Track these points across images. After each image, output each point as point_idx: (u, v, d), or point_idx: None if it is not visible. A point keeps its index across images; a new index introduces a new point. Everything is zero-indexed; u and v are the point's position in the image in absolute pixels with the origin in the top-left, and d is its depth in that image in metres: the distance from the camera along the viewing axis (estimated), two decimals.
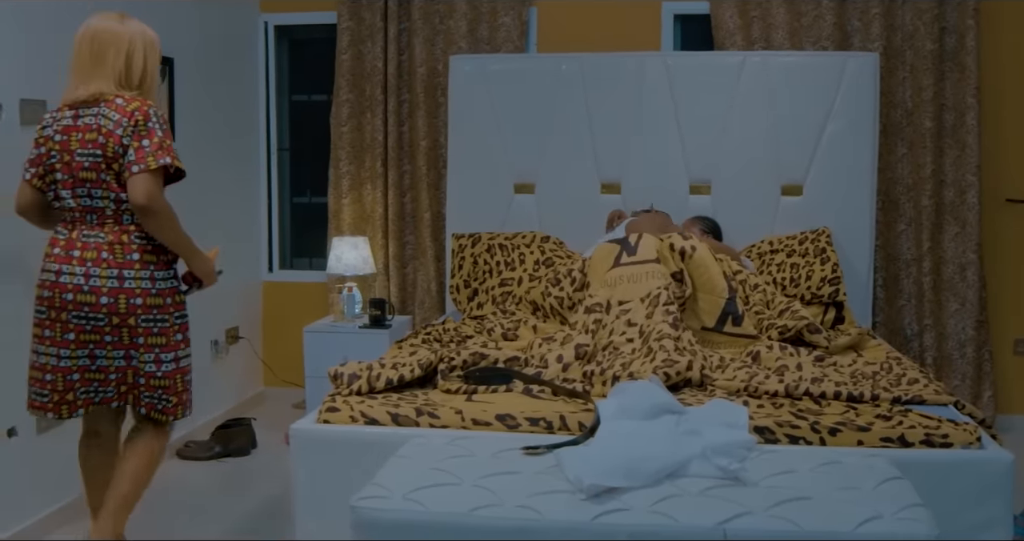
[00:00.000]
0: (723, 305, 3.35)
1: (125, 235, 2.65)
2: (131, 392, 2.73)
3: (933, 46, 4.15)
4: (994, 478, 2.43)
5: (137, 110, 2.61)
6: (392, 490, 2.15)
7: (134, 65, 2.69)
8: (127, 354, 2.68)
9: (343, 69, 4.61)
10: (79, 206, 2.65)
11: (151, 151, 2.58)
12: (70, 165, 2.63)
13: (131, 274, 2.64)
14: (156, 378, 2.71)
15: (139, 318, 2.65)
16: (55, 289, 2.64)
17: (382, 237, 4.71)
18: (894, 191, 4.33)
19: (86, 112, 2.63)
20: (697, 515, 2.00)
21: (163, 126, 2.64)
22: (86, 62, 2.65)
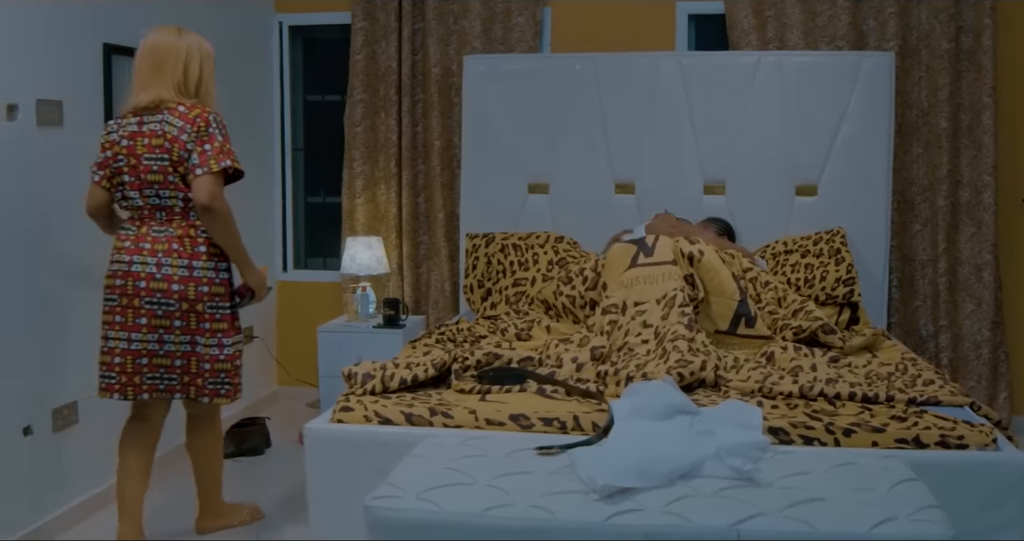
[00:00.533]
0: (735, 308, 3.34)
1: (192, 229, 2.91)
2: (193, 383, 2.96)
3: (949, 45, 4.13)
4: (1010, 480, 2.41)
5: (199, 116, 2.84)
6: (406, 490, 2.16)
7: (190, 75, 2.92)
8: (192, 340, 2.92)
9: (357, 69, 4.62)
10: (147, 205, 2.90)
11: (213, 155, 2.83)
12: (137, 168, 2.87)
13: (199, 265, 2.90)
14: (219, 361, 2.96)
15: (205, 304, 2.91)
16: (128, 277, 2.88)
17: (396, 237, 4.72)
18: (909, 191, 4.31)
19: (150, 119, 2.86)
20: (711, 516, 2.00)
21: (223, 131, 2.87)
22: (146, 72, 2.88)
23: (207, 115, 2.86)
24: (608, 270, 3.50)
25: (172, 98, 2.87)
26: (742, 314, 3.35)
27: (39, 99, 3.10)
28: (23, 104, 3.04)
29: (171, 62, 2.89)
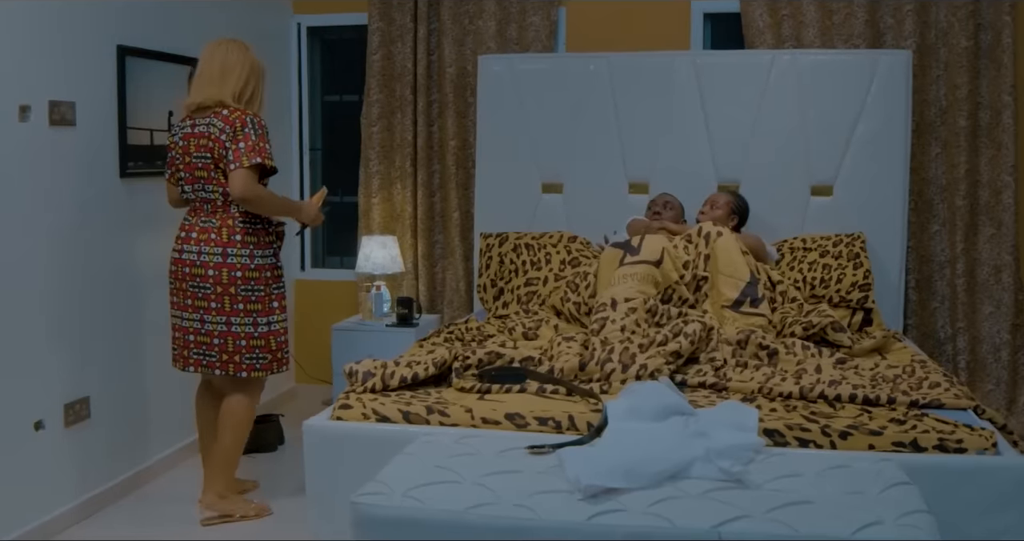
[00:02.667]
0: (743, 287, 3.35)
1: (231, 220, 3.21)
2: (231, 360, 3.24)
3: (968, 43, 4.06)
4: (1010, 485, 2.37)
5: (237, 119, 3.15)
6: (393, 487, 2.17)
7: (247, 89, 3.25)
8: (228, 320, 3.21)
9: (374, 70, 4.65)
10: (197, 198, 3.26)
11: (245, 152, 3.11)
12: (189, 165, 3.23)
13: (233, 251, 3.19)
14: (254, 338, 3.24)
15: (239, 288, 3.20)
16: (179, 264, 3.25)
17: (411, 236, 4.74)
18: (927, 191, 4.25)
19: (200, 121, 3.20)
20: (693, 517, 1.99)
21: (258, 131, 3.16)
22: (215, 74, 3.22)
23: (244, 117, 3.15)
24: (601, 274, 3.51)
25: (221, 102, 3.18)
26: (749, 294, 3.38)
27: (51, 100, 3.15)
28: (36, 105, 3.09)
29: (235, 74, 3.23)
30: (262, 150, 3.14)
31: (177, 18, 3.88)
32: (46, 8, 3.14)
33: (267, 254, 3.27)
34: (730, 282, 3.43)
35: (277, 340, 3.30)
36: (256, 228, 3.25)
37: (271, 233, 3.31)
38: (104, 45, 3.42)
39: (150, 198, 3.72)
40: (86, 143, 3.35)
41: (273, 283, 3.28)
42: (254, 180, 3.14)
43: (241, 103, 3.23)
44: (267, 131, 3.21)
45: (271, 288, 3.27)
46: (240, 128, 3.13)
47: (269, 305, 3.26)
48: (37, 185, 3.13)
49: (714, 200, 4.00)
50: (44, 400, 3.18)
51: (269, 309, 3.26)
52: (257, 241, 3.24)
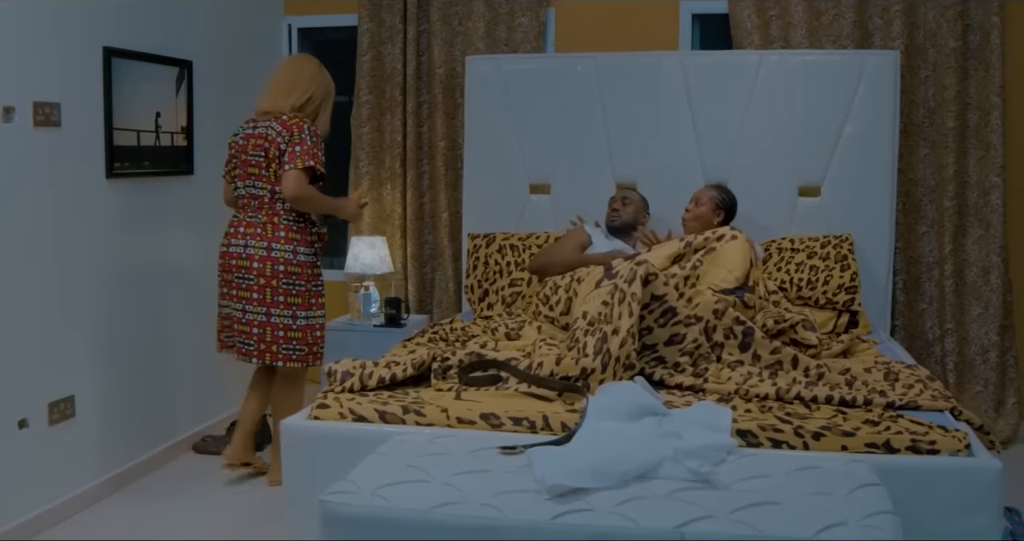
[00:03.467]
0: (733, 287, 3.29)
1: (276, 217, 3.45)
2: (268, 349, 3.46)
3: (956, 44, 4.05)
4: (982, 487, 2.36)
5: (295, 124, 3.42)
6: (362, 486, 2.18)
7: (311, 104, 3.53)
8: (268, 311, 3.43)
9: (363, 71, 4.67)
10: (247, 194, 3.50)
11: (300, 154, 3.36)
12: (244, 162, 3.49)
13: (277, 247, 3.42)
14: (292, 330, 3.46)
15: (280, 281, 3.42)
16: (226, 257, 3.49)
17: (401, 237, 4.75)
18: (916, 192, 4.24)
19: (262, 124, 3.47)
20: (657, 517, 1.99)
21: (313, 138, 3.41)
22: (284, 85, 3.51)
23: (302, 124, 3.42)
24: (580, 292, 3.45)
25: (284, 111, 3.46)
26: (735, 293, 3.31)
27: (36, 101, 3.17)
28: (20, 106, 3.11)
29: (302, 88, 3.51)
30: (315, 155, 3.41)
31: (167, 19, 3.89)
32: (31, 10, 3.15)
33: (309, 252, 3.50)
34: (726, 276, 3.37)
35: (313, 334, 3.53)
36: (300, 226, 3.49)
37: (313, 233, 3.55)
38: (90, 46, 3.44)
39: (137, 198, 3.74)
40: (72, 144, 3.37)
41: (313, 280, 3.51)
42: (306, 181, 3.38)
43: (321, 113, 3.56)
44: (322, 140, 3.46)
45: (311, 284, 3.50)
46: (297, 133, 3.39)
47: (308, 300, 3.49)
48: (22, 185, 3.14)
49: (698, 197, 3.95)
50: (28, 399, 3.20)
51: (308, 304, 3.49)
52: (300, 239, 3.47)
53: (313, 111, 3.55)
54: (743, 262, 3.36)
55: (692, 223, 3.89)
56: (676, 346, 3.01)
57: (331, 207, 3.58)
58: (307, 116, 3.52)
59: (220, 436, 4.13)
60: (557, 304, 3.51)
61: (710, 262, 3.37)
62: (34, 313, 3.22)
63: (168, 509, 3.44)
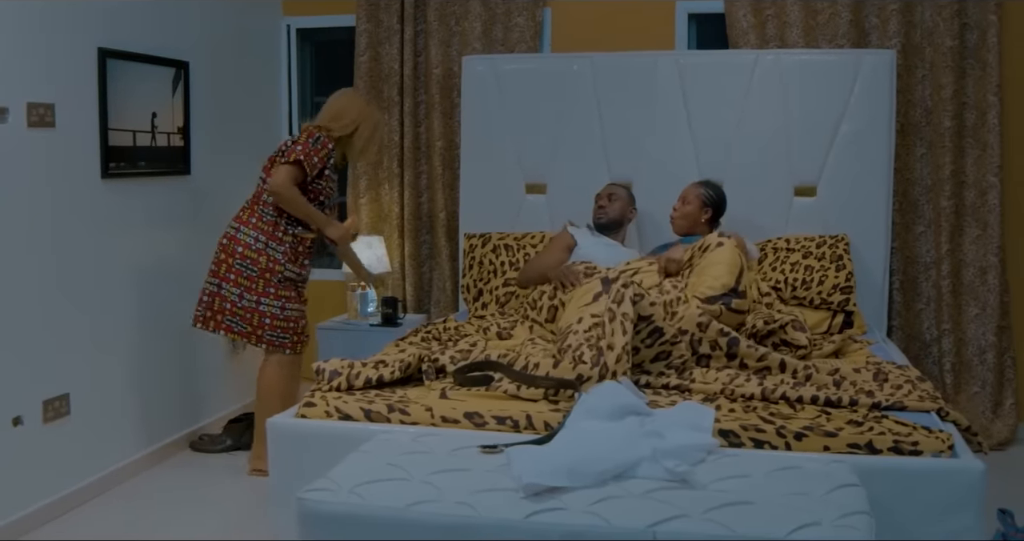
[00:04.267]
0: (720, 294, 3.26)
1: (256, 206, 3.65)
2: (255, 333, 3.66)
3: (953, 43, 4.03)
4: (964, 488, 2.35)
5: (307, 130, 3.62)
6: (341, 484, 2.19)
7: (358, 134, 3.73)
8: (258, 300, 3.63)
9: (361, 71, 4.68)
10: (256, 188, 3.72)
11: (295, 151, 3.53)
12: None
13: (245, 230, 3.61)
14: (278, 319, 3.67)
15: (236, 260, 3.59)
16: (228, 238, 3.65)
17: (398, 237, 4.77)
18: (912, 192, 4.22)
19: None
20: (631, 517, 1.99)
21: (316, 145, 3.55)
22: (332, 112, 3.71)
23: (315, 131, 3.60)
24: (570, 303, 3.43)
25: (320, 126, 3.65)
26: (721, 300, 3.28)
27: (30, 102, 3.19)
28: (14, 107, 3.13)
29: (350, 117, 3.70)
30: (310, 157, 3.54)
31: (163, 21, 3.92)
32: (25, 11, 3.18)
33: (276, 248, 3.63)
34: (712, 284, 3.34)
35: (298, 323, 3.72)
36: (273, 220, 3.63)
37: (290, 234, 3.65)
38: (85, 48, 3.46)
39: (133, 198, 3.77)
40: (66, 144, 3.39)
41: (272, 273, 3.63)
42: (291, 178, 3.52)
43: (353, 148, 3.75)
44: (328, 154, 3.59)
45: (268, 275, 3.62)
46: (304, 137, 3.58)
47: (263, 288, 3.63)
48: (16, 185, 3.17)
49: (684, 195, 3.92)
50: (23, 397, 3.23)
51: (262, 291, 3.63)
52: (270, 232, 3.62)
53: (361, 141, 3.75)
54: (730, 269, 3.30)
55: (680, 222, 3.88)
56: (662, 362, 3.02)
57: (313, 216, 3.64)
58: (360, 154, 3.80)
59: (217, 435, 4.15)
60: (541, 310, 3.51)
61: (698, 272, 3.35)
62: (29, 311, 3.25)
63: (161, 507, 3.47)
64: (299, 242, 3.70)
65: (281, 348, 3.72)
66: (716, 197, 3.90)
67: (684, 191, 3.93)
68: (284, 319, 3.69)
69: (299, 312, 3.77)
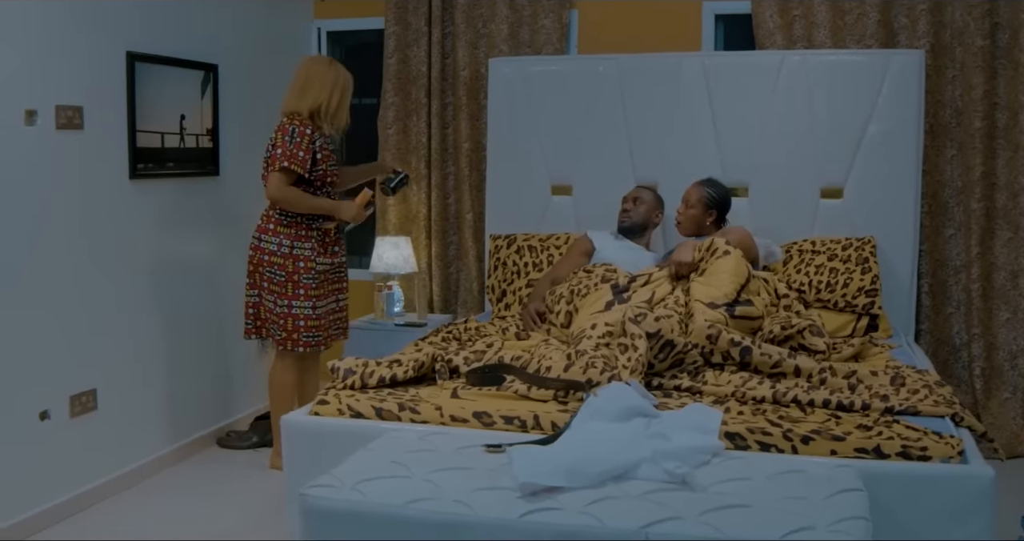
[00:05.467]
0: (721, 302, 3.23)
1: (271, 211, 3.68)
2: (263, 327, 3.75)
3: (984, 42, 3.96)
4: (973, 495, 2.32)
5: (280, 127, 3.59)
6: (343, 480, 2.22)
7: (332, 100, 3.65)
8: (260, 295, 3.72)
9: (390, 73, 4.73)
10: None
11: (278, 157, 3.54)
12: None
13: (265, 239, 3.67)
14: (276, 315, 3.69)
15: (266, 269, 3.67)
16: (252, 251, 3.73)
17: (426, 237, 4.80)
18: (942, 194, 4.16)
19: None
20: (624, 518, 1.99)
21: (296, 139, 3.55)
22: (298, 87, 3.66)
23: (288, 126, 3.57)
24: (582, 308, 3.43)
25: (289, 112, 3.63)
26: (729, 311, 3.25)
27: (58, 105, 3.28)
28: (42, 109, 3.22)
29: (315, 90, 3.63)
30: (293, 156, 3.54)
31: (192, 25, 4.00)
32: (54, 16, 3.27)
33: (303, 246, 3.66)
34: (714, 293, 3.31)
35: (293, 323, 3.68)
36: (291, 220, 3.66)
37: (313, 229, 3.69)
38: (114, 52, 3.55)
39: (160, 198, 3.85)
40: (94, 146, 3.48)
41: (301, 272, 3.65)
42: (283, 183, 3.56)
43: (327, 116, 3.65)
44: (310, 139, 3.55)
45: (298, 276, 3.65)
46: (280, 136, 3.56)
47: (295, 291, 3.65)
48: (45, 185, 3.26)
49: (687, 197, 3.89)
50: (50, 391, 3.32)
51: (294, 295, 3.66)
52: (294, 234, 3.65)
53: (336, 110, 3.68)
54: (733, 278, 3.25)
55: (686, 224, 3.87)
56: (676, 369, 3.02)
57: (321, 208, 3.66)
58: (332, 117, 3.68)
59: (244, 431, 4.22)
60: (559, 314, 3.52)
61: (703, 280, 3.33)
62: (57, 308, 3.34)
63: (184, 502, 3.54)
64: (324, 233, 3.73)
65: (316, 347, 3.76)
66: (719, 197, 3.87)
67: (686, 192, 3.91)
68: (317, 319, 3.72)
69: (334, 305, 3.83)
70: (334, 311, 3.85)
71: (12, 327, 3.15)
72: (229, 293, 4.28)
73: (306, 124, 3.60)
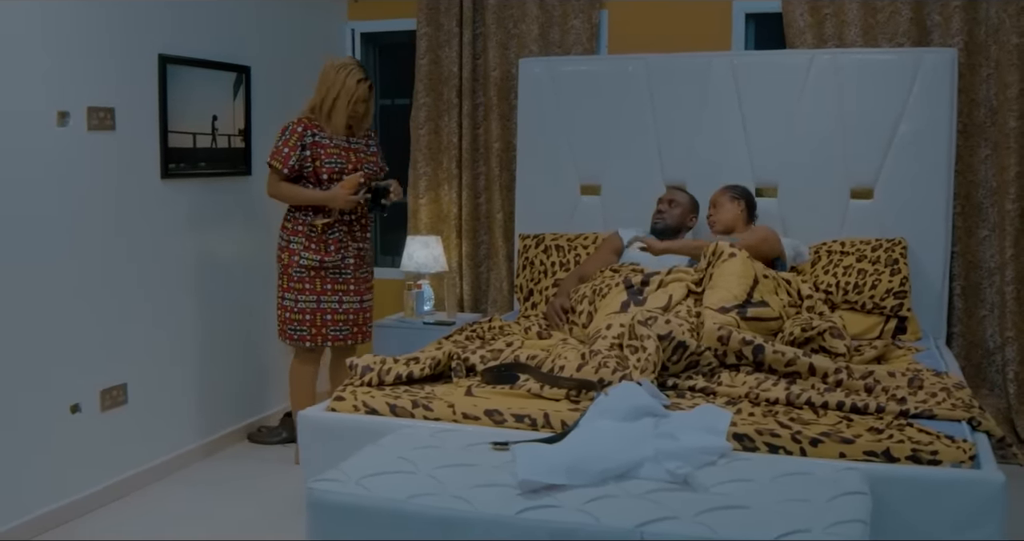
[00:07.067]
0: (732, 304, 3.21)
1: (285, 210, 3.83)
2: (281, 328, 3.83)
3: (1019, 40, 3.88)
4: (983, 500, 2.28)
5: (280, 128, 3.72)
6: (350, 475, 2.26)
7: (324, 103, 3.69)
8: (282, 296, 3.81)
9: (421, 74, 4.77)
10: None
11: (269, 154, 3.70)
12: None
13: (280, 236, 3.81)
14: (278, 307, 3.83)
15: (277, 266, 3.80)
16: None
17: (456, 237, 4.84)
18: (976, 195, 4.08)
19: None
20: (621, 516, 2.00)
21: (284, 136, 3.67)
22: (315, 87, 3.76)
23: (285, 126, 3.69)
24: (600, 309, 3.43)
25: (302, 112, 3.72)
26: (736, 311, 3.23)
27: (90, 106, 3.38)
28: (74, 111, 3.32)
29: (318, 89, 3.71)
30: (278, 153, 3.66)
31: (225, 27, 4.08)
32: (85, 19, 3.36)
33: (296, 240, 3.73)
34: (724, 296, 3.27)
35: (282, 315, 3.80)
36: (292, 216, 3.76)
37: (306, 225, 3.72)
38: (146, 55, 3.64)
39: (192, 197, 3.93)
40: (126, 146, 3.57)
41: (291, 266, 3.73)
42: (273, 179, 3.71)
43: (321, 116, 3.70)
44: (300, 136, 3.62)
45: (291, 270, 3.73)
46: (278, 134, 3.71)
47: (287, 283, 3.75)
48: (78, 185, 3.36)
49: (713, 201, 3.93)
50: (81, 385, 3.41)
51: (285, 287, 3.76)
52: (291, 228, 3.75)
53: (330, 111, 3.68)
54: (741, 280, 3.23)
55: (719, 221, 3.91)
56: (691, 370, 3.01)
57: (313, 199, 3.68)
58: (326, 118, 3.69)
59: (274, 427, 4.30)
60: (581, 315, 3.53)
61: (711, 284, 3.31)
62: (90, 305, 3.43)
63: (210, 496, 3.61)
64: (313, 229, 3.72)
65: (300, 341, 3.78)
66: (742, 194, 3.92)
67: (714, 197, 3.97)
68: (299, 312, 3.75)
69: (334, 306, 3.78)
70: (334, 311, 3.80)
71: (46, 322, 3.25)
72: (260, 290, 4.36)
73: (302, 122, 3.68)
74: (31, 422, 3.20)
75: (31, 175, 3.17)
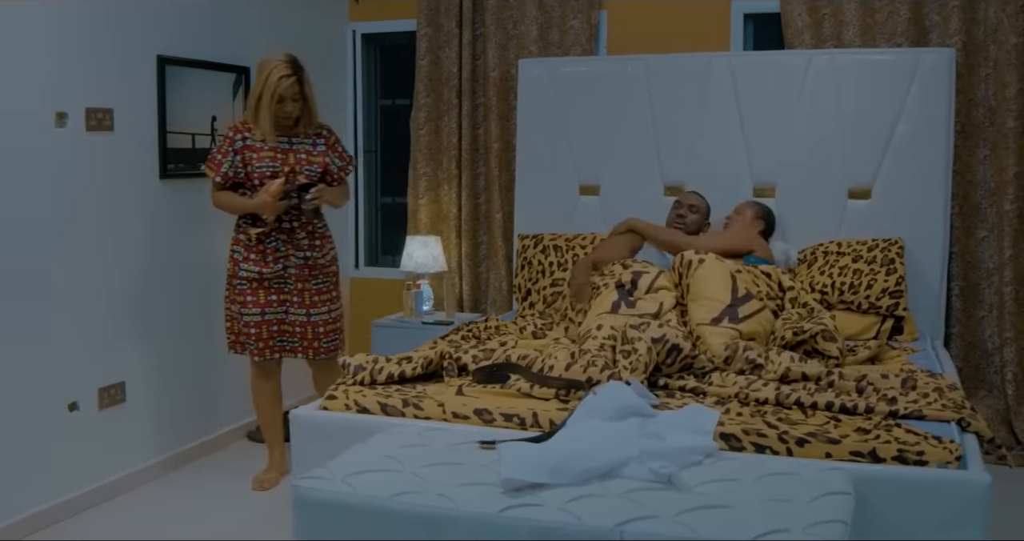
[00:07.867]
0: (722, 309, 3.22)
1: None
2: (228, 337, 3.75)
3: (1018, 40, 3.87)
4: (968, 501, 2.28)
5: None
6: (336, 473, 2.28)
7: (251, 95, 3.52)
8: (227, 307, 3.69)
9: (422, 74, 4.79)
10: None
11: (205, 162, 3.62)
12: None
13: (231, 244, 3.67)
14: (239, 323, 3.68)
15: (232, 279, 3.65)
16: None
17: (456, 237, 4.86)
18: (974, 195, 4.07)
19: None
20: (601, 515, 2.01)
21: (219, 143, 3.56)
22: None
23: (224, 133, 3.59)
24: (592, 308, 3.44)
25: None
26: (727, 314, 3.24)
27: (88, 107, 3.41)
28: (72, 112, 3.35)
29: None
30: (212, 159, 3.56)
31: (224, 28, 4.10)
32: (84, 20, 3.39)
33: (236, 249, 3.62)
34: (710, 305, 3.27)
35: (233, 326, 3.68)
36: (237, 226, 3.64)
37: (242, 234, 3.61)
38: (144, 56, 3.67)
39: (190, 197, 3.96)
40: (124, 147, 3.60)
41: (235, 277, 3.62)
42: (213, 188, 3.60)
43: (251, 117, 3.51)
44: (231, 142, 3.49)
45: (234, 281, 3.63)
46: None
47: (232, 294, 3.64)
48: (76, 185, 3.39)
49: (740, 208, 3.97)
50: (79, 384, 3.44)
51: (230, 298, 3.65)
52: (235, 237, 3.65)
53: (252, 111, 3.49)
54: (719, 283, 3.25)
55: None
56: (687, 371, 3.02)
57: (244, 207, 3.52)
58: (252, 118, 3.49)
59: None
60: (579, 312, 3.54)
61: (692, 296, 3.31)
62: (89, 303, 3.46)
63: (206, 494, 3.63)
64: (258, 239, 3.56)
65: (249, 354, 3.67)
66: (765, 216, 3.95)
67: (740, 205, 4.01)
68: (244, 324, 3.61)
69: (260, 317, 3.61)
70: (280, 322, 3.65)
71: (44, 321, 3.28)
72: None
73: (235, 127, 3.54)
74: (29, 420, 3.24)
75: (30, 176, 3.20)
